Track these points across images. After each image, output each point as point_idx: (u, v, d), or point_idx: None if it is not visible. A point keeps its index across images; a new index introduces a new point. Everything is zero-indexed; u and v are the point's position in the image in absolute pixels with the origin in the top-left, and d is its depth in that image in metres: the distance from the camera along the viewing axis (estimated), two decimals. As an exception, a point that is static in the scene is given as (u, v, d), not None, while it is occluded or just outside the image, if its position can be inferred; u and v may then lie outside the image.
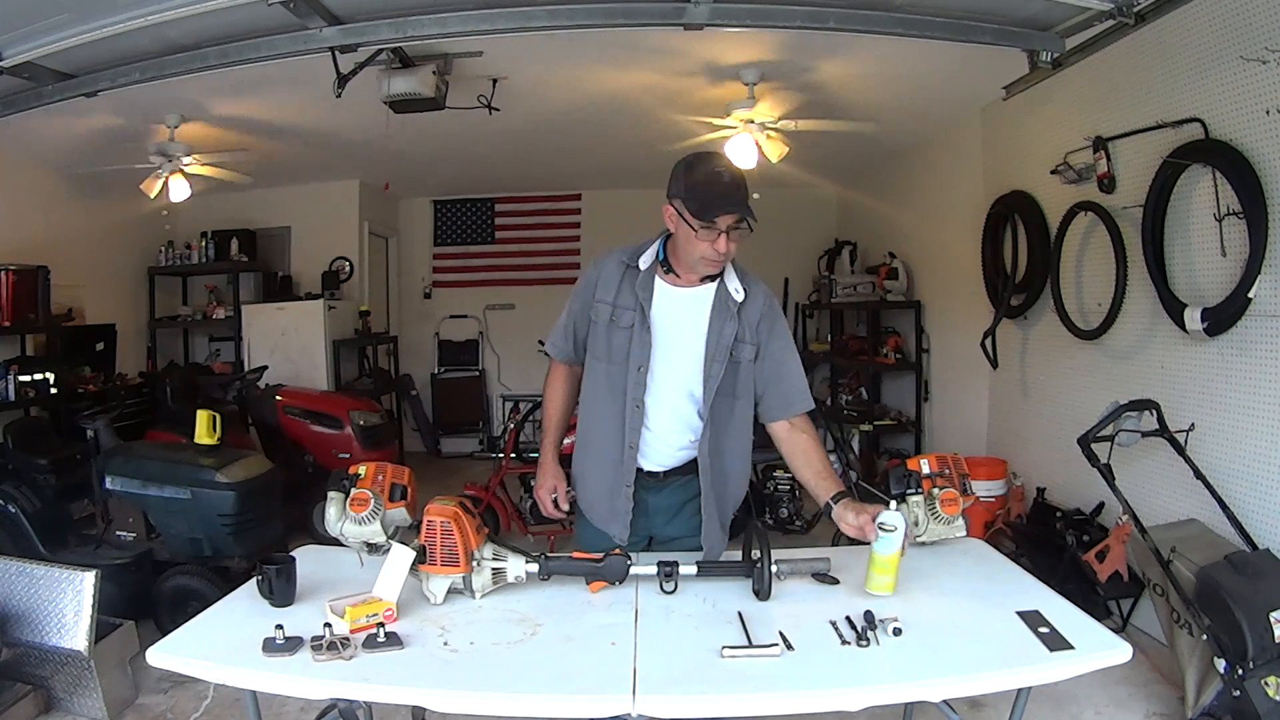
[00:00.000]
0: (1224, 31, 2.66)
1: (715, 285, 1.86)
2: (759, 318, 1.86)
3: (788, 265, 7.09)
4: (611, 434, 1.87)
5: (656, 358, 1.83)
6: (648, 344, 1.82)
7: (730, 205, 1.72)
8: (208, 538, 3.29)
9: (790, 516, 4.62)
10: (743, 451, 1.94)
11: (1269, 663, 2.15)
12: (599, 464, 1.91)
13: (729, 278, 1.86)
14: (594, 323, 1.89)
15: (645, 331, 1.82)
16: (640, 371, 1.82)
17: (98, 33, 2.59)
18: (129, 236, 5.89)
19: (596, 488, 1.93)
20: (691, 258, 1.79)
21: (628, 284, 1.86)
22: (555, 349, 2.02)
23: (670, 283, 1.86)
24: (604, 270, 1.90)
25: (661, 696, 1.27)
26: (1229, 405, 2.73)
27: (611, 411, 1.86)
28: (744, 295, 1.85)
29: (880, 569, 1.61)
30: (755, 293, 1.88)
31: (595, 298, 1.88)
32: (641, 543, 1.93)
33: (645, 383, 1.83)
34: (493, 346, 7.42)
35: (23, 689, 2.58)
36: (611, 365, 1.86)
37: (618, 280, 1.87)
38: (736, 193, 1.74)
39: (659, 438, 1.87)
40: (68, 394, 4.61)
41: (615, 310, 1.85)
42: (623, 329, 1.84)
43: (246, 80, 3.56)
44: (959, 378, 4.95)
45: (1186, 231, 2.92)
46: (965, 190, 4.68)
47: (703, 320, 1.84)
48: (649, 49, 3.35)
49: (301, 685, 1.34)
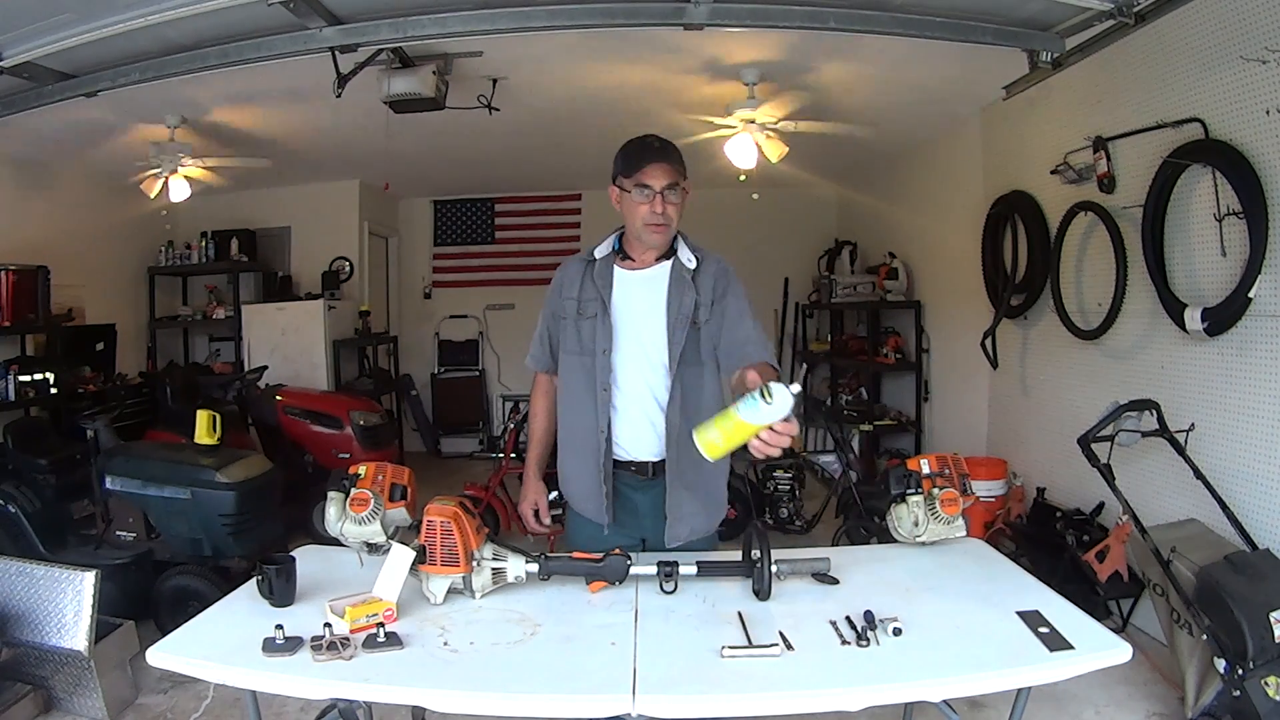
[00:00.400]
0: (1224, 31, 2.66)
1: (670, 261, 1.91)
2: (714, 281, 1.89)
3: (788, 265, 7.10)
4: (586, 421, 1.91)
5: (621, 339, 1.88)
6: (610, 327, 1.88)
7: (655, 155, 1.83)
8: (208, 538, 3.29)
9: (790, 516, 4.63)
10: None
11: (1269, 663, 2.15)
12: (577, 453, 1.96)
13: (681, 250, 1.92)
14: (563, 320, 1.96)
15: (607, 316, 1.88)
16: (605, 355, 1.87)
17: (98, 33, 2.59)
18: (129, 236, 5.89)
19: (575, 476, 1.97)
20: (636, 226, 1.87)
21: (588, 277, 1.94)
22: (535, 360, 2.09)
23: (628, 268, 1.93)
24: (566, 272, 2.00)
25: (661, 696, 1.27)
26: (1229, 405, 2.73)
27: (585, 399, 1.90)
28: (696, 263, 1.90)
29: (723, 427, 1.39)
30: (708, 260, 1.93)
31: (562, 297, 1.97)
32: (635, 545, 1.92)
33: (611, 365, 1.88)
34: (493, 346, 7.42)
35: (23, 689, 2.59)
36: (582, 356, 1.91)
37: (580, 277, 1.95)
38: (663, 148, 1.86)
39: (631, 419, 1.89)
40: (68, 394, 4.61)
41: (580, 303, 1.93)
42: (588, 319, 1.91)
43: (246, 81, 3.56)
44: (959, 378, 4.95)
45: (1186, 231, 2.91)
46: (965, 190, 4.68)
47: (661, 296, 1.89)
48: (650, 44, 3.34)
49: (301, 685, 1.34)
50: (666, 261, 1.91)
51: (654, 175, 1.83)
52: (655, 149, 1.86)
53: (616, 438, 1.89)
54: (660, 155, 1.85)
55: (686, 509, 1.89)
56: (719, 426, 1.39)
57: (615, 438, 1.89)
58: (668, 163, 1.84)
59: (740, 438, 1.38)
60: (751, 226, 6.93)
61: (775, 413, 1.35)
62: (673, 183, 1.84)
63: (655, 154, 1.85)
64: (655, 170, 1.83)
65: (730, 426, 1.38)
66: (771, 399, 1.34)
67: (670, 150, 1.87)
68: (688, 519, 1.90)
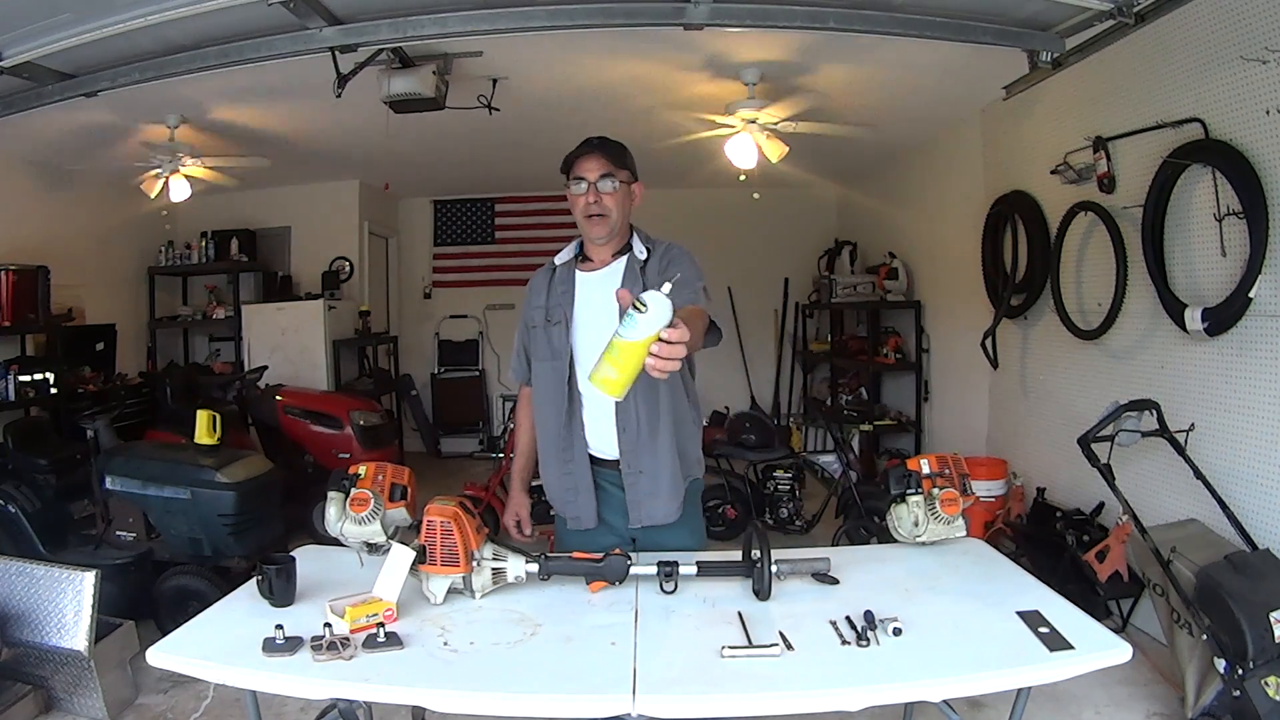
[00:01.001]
0: (1224, 31, 2.66)
1: (625, 257, 1.94)
2: (660, 265, 1.90)
3: (788, 265, 7.10)
4: (556, 423, 1.93)
5: (582, 340, 1.90)
6: (572, 329, 1.91)
7: (587, 149, 1.89)
8: (208, 538, 3.30)
9: (790, 516, 4.63)
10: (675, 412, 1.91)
11: (1269, 663, 2.15)
12: (549, 454, 1.98)
13: (635, 245, 1.95)
14: (534, 328, 1.99)
15: (570, 320, 1.92)
16: (571, 357, 1.90)
17: (98, 33, 2.59)
18: (129, 236, 5.90)
19: (551, 479, 2.00)
20: (579, 221, 1.92)
21: (553, 284, 1.99)
22: (516, 373, 2.14)
23: (587, 270, 1.97)
24: (534, 283, 2.04)
25: (661, 696, 1.27)
26: (1229, 405, 2.73)
27: (558, 403, 1.92)
28: (647, 254, 1.92)
29: (611, 359, 1.27)
30: (657, 248, 1.94)
31: (531, 306, 2.01)
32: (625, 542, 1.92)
33: (574, 365, 1.90)
34: (493, 346, 7.42)
35: (23, 689, 2.59)
36: (552, 361, 1.94)
37: (545, 285, 2.00)
38: (601, 144, 1.91)
39: (595, 418, 1.90)
40: (68, 394, 4.61)
41: (548, 310, 1.97)
42: (555, 325, 1.94)
43: (246, 81, 3.56)
44: (959, 378, 4.95)
45: (1186, 231, 2.91)
46: (965, 190, 4.68)
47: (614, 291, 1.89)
48: (651, 37, 3.33)
49: (301, 685, 1.34)
50: (623, 258, 1.94)
51: (586, 167, 1.88)
52: (591, 144, 1.91)
53: (588, 437, 1.92)
54: (593, 148, 1.89)
55: (644, 491, 1.90)
56: (607, 360, 1.28)
57: (588, 437, 1.92)
58: (601, 154, 1.88)
59: (633, 363, 1.27)
60: (751, 226, 6.93)
61: (654, 320, 1.23)
62: (606, 173, 1.87)
63: (588, 147, 1.90)
64: (587, 162, 1.88)
65: (618, 354, 1.27)
66: (645, 307, 1.23)
67: (608, 145, 1.92)
68: (644, 502, 1.91)
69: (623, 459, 1.90)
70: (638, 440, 1.88)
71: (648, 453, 1.88)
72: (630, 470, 1.90)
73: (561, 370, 1.92)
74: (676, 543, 1.89)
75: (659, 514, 1.92)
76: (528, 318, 2.02)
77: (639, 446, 1.88)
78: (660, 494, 1.91)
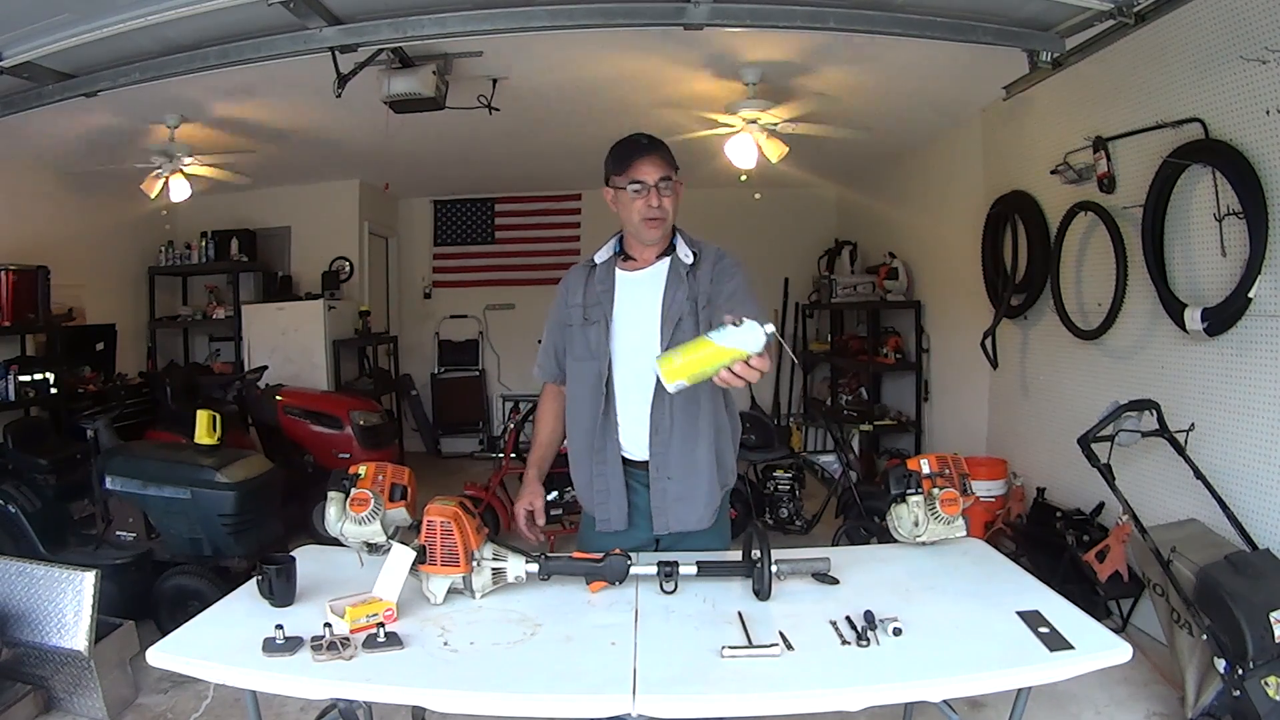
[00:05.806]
0: (1224, 31, 2.66)
1: (669, 259, 1.92)
2: (711, 273, 1.89)
3: (788, 265, 7.10)
4: (591, 423, 1.91)
5: (622, 340, 1.89)
6: (612, 330, 1.89)
7: (645, 151, 1.86)
8: (208, 538, 3.29)
9: (790, 516, 4.62)
10: (715, 420, 1.91)
11: (1269, 663, 2.15)
12: (580, 454, 1.96)
13: (679, 246, 1.92)
14: (570, 327, 1.96)
15: (610, 319, 1.90)
16: (609, 358, 1.88)
17: (98, 33, 2.59)
18: (129, 236, 5.90)
19: (582, 479, 1.97)
20: (633, 223, 1.88)
21: (591, 283, 1.95)
22: (542, 371, 2.10)
23: (629, 269, 1.94)
24: (570, 281, 2.01)
25: (661, 696, 1.27)
26: (1229, 405, 2.73)
27: (590, 402, 1.91)
28: (693, 258, 1.90)
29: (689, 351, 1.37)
30: (706, 253, 1.92)
31: (567, 305, 1.98)
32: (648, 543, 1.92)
33: (612, 366, 1.88)
34: (493, 346, 7.42)
35: (23, 689, 2.58)
36: (589, 361, 1.92)
37: (583, 283, 1.97)
38: (652, 144, 1.88)
39: (631, 419, 1.89)
40: (68, 394, 4.61)
41: (585, 309, 1.94)
42: (593, 324, 1.92)
43: (246, 80, 3.56)
44: (959, 378, 4.95)
45: (1186, 231, 2.91)
46: (965, 190, 4.68)
47: (658, 293, 1.89)
48: (652, 36, 3.33)
49: (301, 685, 1.34)
50: (666, 259, 1.92)
51: (646, 170, 1.85)
52: (644, 145, 1.88)
53: (622, 438, 1.90)
54: (650, 150, 1.87)
55: (671, 496, 1.88)
56: (685, 350, 1.36)
57: (621, 439, 1.90)
58: (658, 156, 1.86)
59: (707, 366, 1.34)
60: (751, 226, 6.93)
61: (746, 341, 1.32)
62: (665, 176, 1.85)
63: (645, 149, 1.87)
64: (647, 164, 1.85)
65: (699, 352, 1.34)
66: (742, 324, 1.31)
67: (659, 145, 1.89)
68: (672, 507, 1.88)
69: (651, 461, 1.87)
70: (669, 444, 1.86)
71: (677, 458, 1.86)
72: (659, 475, 1.87)
73: (599, 370, 1.89)
74: (704, 549, 1.86)
75: (690, 520, 1.89)
76: (563, 316, 1.98)
77: (669, 450, 1.86)
78: (691, 499, 1.88)
